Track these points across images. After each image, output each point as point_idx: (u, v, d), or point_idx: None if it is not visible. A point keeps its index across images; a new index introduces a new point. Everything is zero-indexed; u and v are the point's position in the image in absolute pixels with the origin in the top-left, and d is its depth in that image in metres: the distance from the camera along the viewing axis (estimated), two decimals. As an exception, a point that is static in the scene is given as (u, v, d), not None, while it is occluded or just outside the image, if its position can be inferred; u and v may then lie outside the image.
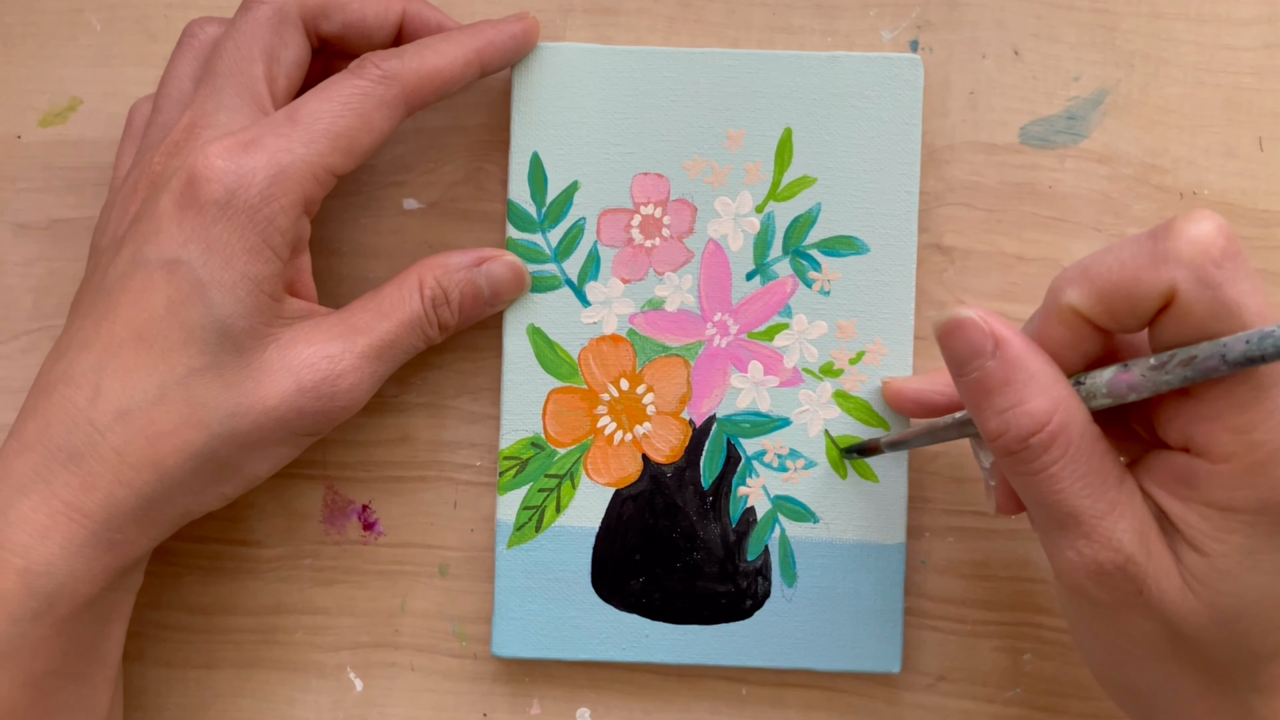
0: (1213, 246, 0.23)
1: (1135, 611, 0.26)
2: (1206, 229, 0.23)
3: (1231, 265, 0.23)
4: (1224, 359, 0.23)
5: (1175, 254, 0.23)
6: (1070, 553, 0.26)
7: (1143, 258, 0.24)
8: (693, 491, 0.36)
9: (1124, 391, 0.25)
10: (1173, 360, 0.24)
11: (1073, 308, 0.25)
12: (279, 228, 0.30)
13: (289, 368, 0.31)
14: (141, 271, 0.30)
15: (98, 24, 0.38)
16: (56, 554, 0.29)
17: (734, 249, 0.36)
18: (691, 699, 0.37)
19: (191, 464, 0.30)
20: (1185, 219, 0.24)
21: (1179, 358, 0.24)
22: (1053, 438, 0.25)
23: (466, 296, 0.34)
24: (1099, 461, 0.25)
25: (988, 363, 0.26)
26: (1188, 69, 0.37)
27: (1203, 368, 0.24)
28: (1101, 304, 0.25)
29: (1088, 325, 0.26)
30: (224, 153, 0.30)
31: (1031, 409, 0.25)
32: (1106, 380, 0.25)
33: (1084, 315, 0.25)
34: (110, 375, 0.30)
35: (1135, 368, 0.25)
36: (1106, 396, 0.26)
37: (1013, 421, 0.25)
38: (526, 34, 0.35)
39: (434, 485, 0.37)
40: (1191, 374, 0.24)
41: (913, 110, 0.35)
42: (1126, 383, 0.25)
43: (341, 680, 0.37)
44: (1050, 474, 0.25)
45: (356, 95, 0.31)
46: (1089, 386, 0.26)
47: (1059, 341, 0.26)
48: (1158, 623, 0.26)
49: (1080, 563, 0.26)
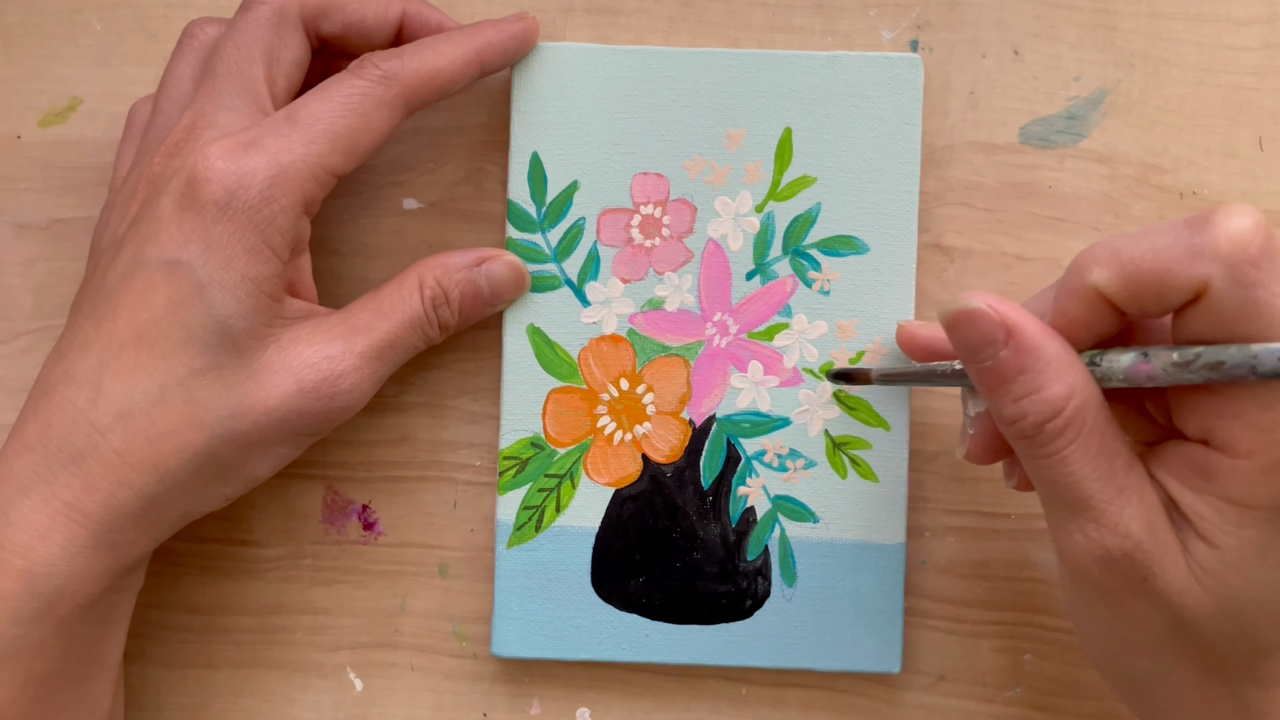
0: (1251, 245, 0.23)
1: (1139, 598, 0.26)
2: (1246, 225, 0.23)
3: (1269, 265, 0.23)
4: (1254, 370, 0.23)
5: (1213, 248, 0.23)
6: (1078, 536, 0.26)
7: (1178, 248, 0.23)
8: (693, 491, 0.36)
9: (1141, 380, 0.25)
10: (1199, 360, 0.24)
11: (1097, 288, 0.25)
12: (279, 228, 0.30)
13: (289, 368, 0.31)
14: (142, 272, 0.30)
15: (98, 24, 0.38)
16: (57, 555, 0.29)
17: (734, 249, 0.36)
18: (691, 699, 0.37)
19: (192, 464, 0.30)
20: (1225, 212, 0.23)
21: (1205, 359, 0.24)
22: (1068, 422, 0.25)
23: (466, 296, 0.34)
24: (1111, 445, 0.25)
25: (1001, 352, 0.25)
26: (1188, 69, 0.37)
27: (1230, 374, 0.23)
28: (1129, 289, 0.24)
29: (1108, 306, 0.25)
30: (224, 153, 0.30)
31: (1048, 396, 0.25)
32: (1124, 367, 0.25)
33: (1107, 297, 0.25)
34: (111, 376, 0.30)
35: (1156, 360, 0.25)
36: (1123, 381, 0.25)
37: (1029, 409, 0.25)
38: (526, 34, 0.35)
39: (434, 485, 0.37)
40: (1217, 377, 0.24)
41: (913, 110, 0.35)
42: (1146, 373, 0.25)
43: (341, 680, 0.37)
44: (1063, 457, 0.25)
45: (356, 95, 0.31)
46: (1105, 369, 0.25)
47: (1075, 319, 0.26)
48: (1161, 611, 0.26)
49: (1087, 547, 0.25)
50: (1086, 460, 0.25)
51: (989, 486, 0.36)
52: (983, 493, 0.37)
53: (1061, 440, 0.25)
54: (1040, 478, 0.26)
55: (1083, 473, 0.25)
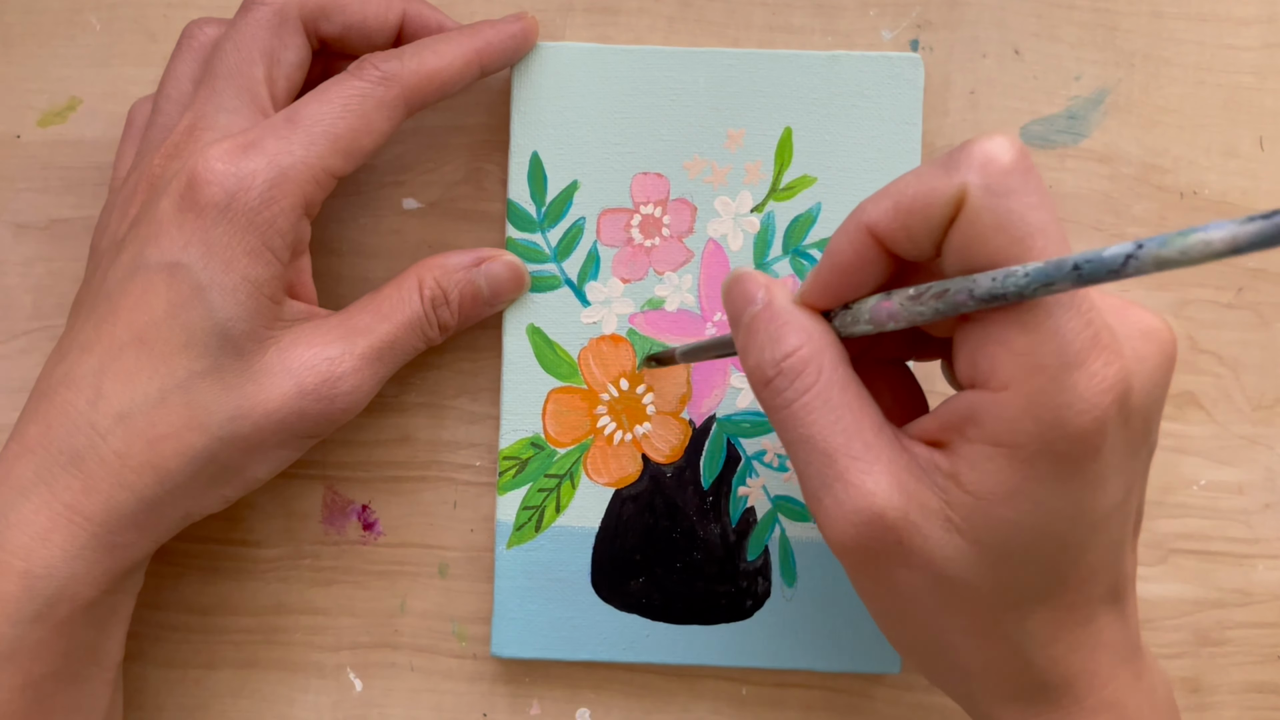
0: (1004, 155, 0.24)
1: (897, 562, 0.26)
2: (999, 142, 0.24)
3: (1020, 177, 0.24)
4: (971, 294, 0.23)
5: (968, 160, 0.24)
6: (828, 501, 0.26)
7: (937, 169, 0.24)
8: (693, 491, 0.36)
9: (883, 319, 0.26)
10: (928, 292, 0.24)
11: (870, 225, 0.25)
12: (279, 230, 0.30)
13: (289, 370, 0.31)
14: (142, 274, 0.30)
15: (98, 24, 0.38)
16: (57, 556, 0.29)
17: (734, 248, 0.36)
18: (691, 699, 0.37)
19: (192, 467, 0.30)
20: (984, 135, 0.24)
21: (933, 290, 0.24)
22: (804, 363, 0.26)
23: (466, 297, 0.34)
24: (855, 402, 0.26)
25: (755, 308, 0.27)
26: (1188, 69, 0.37)
27: (953, 301, 0.24)
28: (898, 218, 0.25)
29: (878, 248, 0.26)
30: (224, 155, 0.30)
31: (783, 341, 0.26)
32: (870, 307, 0.26)
33: (880, 233, 0.25)
34: (111, 378, 0.30)
35: (895, 296, 0.25)
36: (868, 323, 0.26)
37: (767, 356, 0.26)
38: (525, 34, 0.35)
39: (434, 485, 0.37)
40: (943, 306, 0.24)
41: (913, 109, 0.35)
42: (886, 310, 0.25)
43: (341, 680, 0.37)
44: (803, 403, 0.26)
45: (356, 97, 0.31)
46: (854, 312, 0.26)
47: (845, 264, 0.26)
48: (922, 573, 0.26)
49: (839, 512, 0.25)
50: (828, 409, 0.26)
51: (989, 486, 0.36)
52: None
53: (800, 383, 0.26)
54: (788, 438, 0.27)
55: (824, 422, 0.26)
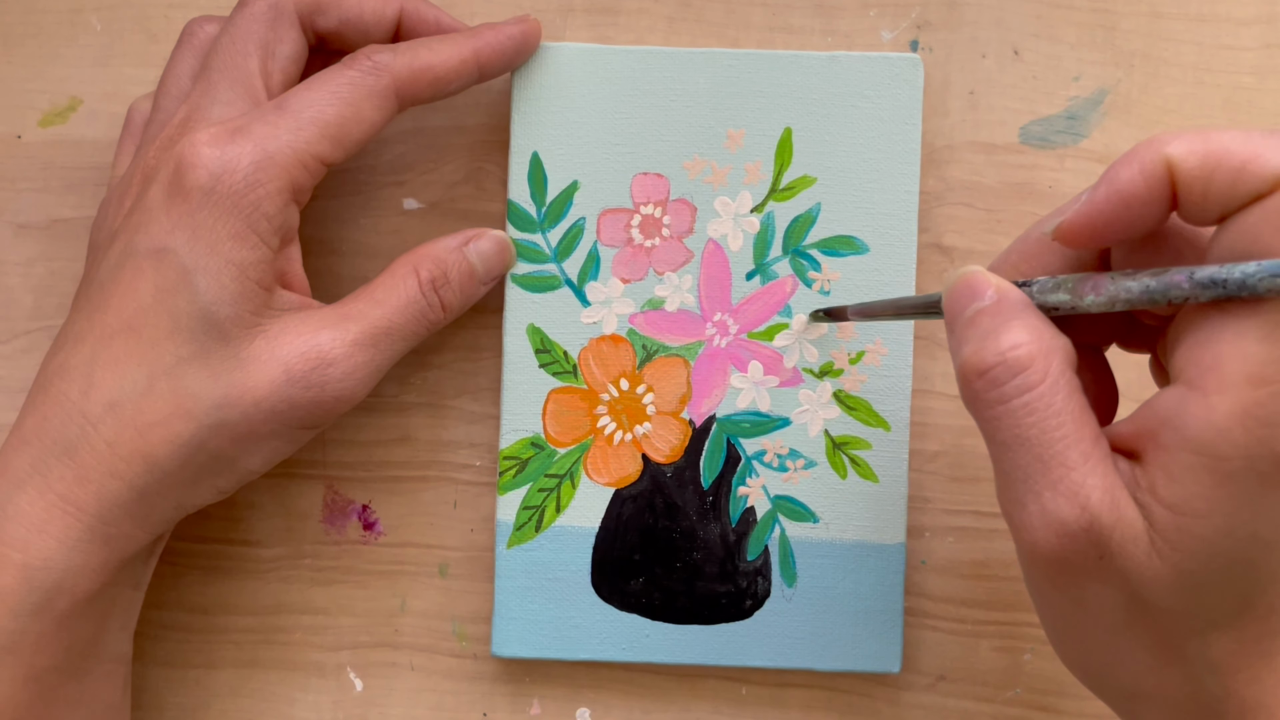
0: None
1: (1092, 576, 0.25)
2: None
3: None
4: (1190, 276, 0.22)
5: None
6: (1034, 507, 0.25)
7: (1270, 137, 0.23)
8: (693, 491, 0.36)
9: (1085, 292, 0.24)
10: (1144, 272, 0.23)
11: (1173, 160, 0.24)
12: (265, 213, 0.30)
13: (278, 357, 0.31)
14: (131, 262, 0.30)
15: (98, 24, 0.38)
16: (54, 548, 0.29)
17: (734, 249, 0.36)
18: (691, 699, 0.37)
19: (181, 455, 0.30)
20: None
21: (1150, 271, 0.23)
22: (1030, 359, 0.25)
23: (464, 275, 0.34)
24: (1077, 407, 0.25)
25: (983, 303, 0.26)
26: (1188, 69, 0.37)
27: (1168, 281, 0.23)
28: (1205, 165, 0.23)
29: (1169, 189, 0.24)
30: (211, 140, 0.30)
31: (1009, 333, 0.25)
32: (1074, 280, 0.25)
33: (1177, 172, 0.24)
34: (102, 367, 0.30)
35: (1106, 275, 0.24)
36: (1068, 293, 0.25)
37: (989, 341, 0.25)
38: (526, 37, 0.34)
39: (434, 485, 0.37)
40: (1155, 286, 0.23)
41: (913, 110, 0.35)
42: (1091, 284, 0.24)
43: (341, 680, 0.37)
44: (1024, 402, 0.25)
45: (346, 85, 0.31)
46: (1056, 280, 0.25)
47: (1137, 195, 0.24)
48: (1117, 589, 0.25)
49: (1043, 520, 0.25)
50: (1050, 414, 0.24)
51: (989, 486, 0.36)
52: (982, 493, 0.36)
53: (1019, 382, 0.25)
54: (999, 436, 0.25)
55: (1044, 425, 0.24)
